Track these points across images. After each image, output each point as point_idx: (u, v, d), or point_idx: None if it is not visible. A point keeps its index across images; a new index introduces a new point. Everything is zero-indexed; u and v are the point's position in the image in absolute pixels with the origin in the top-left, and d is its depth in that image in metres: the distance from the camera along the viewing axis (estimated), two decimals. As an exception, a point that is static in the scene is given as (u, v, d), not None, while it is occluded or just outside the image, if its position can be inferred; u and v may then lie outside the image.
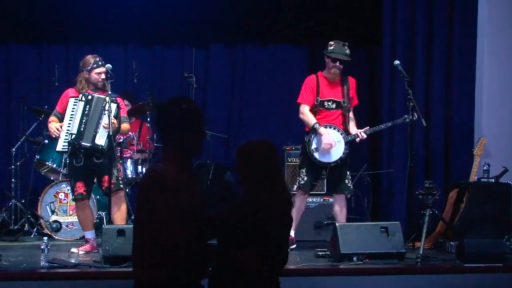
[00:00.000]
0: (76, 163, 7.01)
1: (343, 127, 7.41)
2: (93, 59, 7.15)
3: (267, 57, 9.93)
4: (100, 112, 6.95)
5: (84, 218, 7.15)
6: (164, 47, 9.86)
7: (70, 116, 7.02)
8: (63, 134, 7.02)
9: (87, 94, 7.05)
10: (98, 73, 7.12)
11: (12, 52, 9.57)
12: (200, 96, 9.57)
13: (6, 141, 9.32)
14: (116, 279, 5.75)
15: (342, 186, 7.41)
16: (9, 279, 5.74)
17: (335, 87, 7.48)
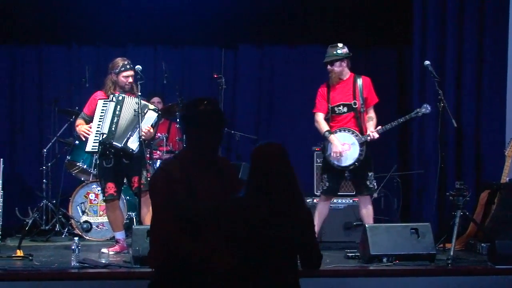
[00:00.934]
0: (106, 164, 7.05)
1: (357, 128, 7.38)
2: (122, 62, 7.19)
3: (296, 58, 9.91)
4: (137, 116, 6.97)
5: (115, 218, 7.19)
6: (194, 48, 9.89)
7: (100, 117, 7.06)
8: (93, 135, 7.06)
9: (118, 95, 7.09)
10: (126, 77, 7.16)
11: (43, 54, 9.66)
12: (229, 96, 9.58)
13: (38, 142, 9.40)
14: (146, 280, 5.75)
15: (363, 187, 7.38)
16: (41, 279, 5.78)
17: (345, 90, 7.46)
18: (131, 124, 7.04)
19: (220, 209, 3.61)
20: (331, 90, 7.48)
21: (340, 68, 7.43)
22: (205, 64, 9.85)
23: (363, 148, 7.32)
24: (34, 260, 6.47)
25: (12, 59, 9.61)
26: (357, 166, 7.34)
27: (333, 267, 6.22)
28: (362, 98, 7.41)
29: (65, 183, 8.60)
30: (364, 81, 7.48)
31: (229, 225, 3.59)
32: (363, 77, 7.52)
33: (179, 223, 3.64)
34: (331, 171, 7.42)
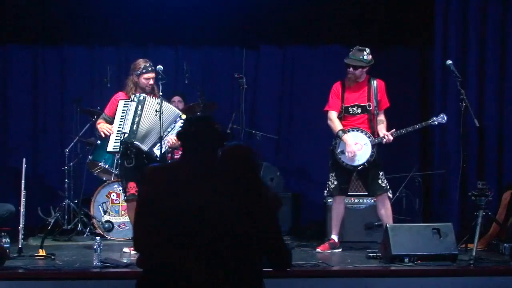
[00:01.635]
0: (127, 164, 7.08)
1: (370, 130, 7.38)
2: (143, 63, 7.22)
3: (317, 58, 9.89)
4: (169, 124, 7.06)
5: None
6: (215, 48, 9.90)
7: (121, 117, 7.09)
8: (114, 135, 7.09)
9: (139, 95, 7.12)
10: (147, 79, 7.19)
11: (66, 54, 9.71)
12: (250, 96, 9.59)
13: (60, 142, 9.45)
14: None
15: (376, 187, 7.37)
16: (63, 278, 5.80)
17: (360, 91, 7.47)
18: (154, 127, 7.06)
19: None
20: (346, 90, 7.49)
21: (361, 73, 7.44)
22: (226, 64, 9.86)
23: (375, 150, 7.32)
24: (56, 259, 6.51)
25: (35, 60, 9.67)
26: (366, 166, 7.33)
27: (354, 267, 6.21)
28: (376, 101, 7.40)
29: (87, 183, 8.64)
30: (378, 84, 7.49)
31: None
32: (378, 80, 7.51)
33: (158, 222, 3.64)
34: (339, 170, 7.43)
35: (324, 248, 7.35)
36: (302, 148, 9.80)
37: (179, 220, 3.58)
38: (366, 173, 7.41)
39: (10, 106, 9.56)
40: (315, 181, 9.46)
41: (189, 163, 3.81)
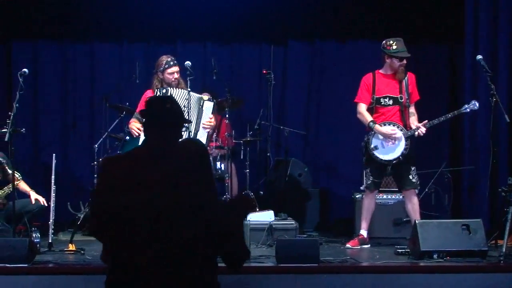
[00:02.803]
0: None
1: (402, 123, 7.34)
2: (166, 59, 7.28)
3: (345, 54, 9.87)
4: (199, 111, 7.03)
5: None
6: (243, 45, 9.91)
7: None
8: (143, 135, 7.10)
9: (161, 88, 7.16)
10: (171, 73, 7.24)
11: (95, 51, 9.78)
12: (278, 92, 9.59)
13: (89, 138, 9.52)
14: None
15: (407, 182, 7.34)
16: (92, 273, 5.83)
17: (392, 83, 7.43)
18: (196, 120, 7.10)
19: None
20: (377, 81, 7.45)
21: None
22: (254, 60, 9.87)
23: (408, 143, 7.28)
24: (86, 254, 6.57)
25: (64, 56, 9.75)
26: (401, 160, 7.29)
27: (383, 264, 6.19)
28: (407, 93, 7.36)
29: (116, 178, 8.68)
30: (410, 77, 7.46)
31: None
32: (409, 72, 7.48)
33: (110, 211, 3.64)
34: (373, 166, 7.40)
35: (354, 244, 7.34)
36: (330, 144, 9.78)
37: (132, 211, 3.54)
38: (399, 167, 7.36)
39: (40, 102, 9.64)
40: (343, 177, 9.45)
41: (148, 146, 3.77)
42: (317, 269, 5.83)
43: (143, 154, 3.74)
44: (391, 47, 7.38)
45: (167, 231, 3.52)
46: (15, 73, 7.67)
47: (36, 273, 5.81)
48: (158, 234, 3.51)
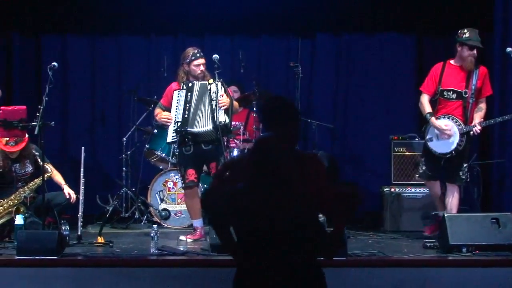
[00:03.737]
0: (186, 151, 7.12)
1: (462, 118, 7.21)
2: (192, 51, 7.24)
3: (373, 46, 9.81)
4: (208, 97, 7.02)
5: (193, 206, 7.24)
6: (270, 37, 9.89)
7: (176, 106, 7.12)
8: (171, 126, 7.13)
9: (187, 82, 7.14)
10: (197, 65, 7.19)
11: (123, 44, 9.81)
12: (306, 85, 9.56)
13: (117, 131, 9.56)
14: (224, 267, 5.81)
15: (455, 177, 7.26)
16: (121, 265, 5.88)
17: (460, 75, 7.26)
18: (204, 108, 7.06)
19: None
20: (445, 72, 7.30)
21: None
22: (282, 53, 9.85)
23: (463, 139, 7.18)
24: (115, 247, 6.60)
25: (92, 50, 9.79)
26: (453, 155, 7.22)
27: (411, 257, 6.15)
28: (474, 88, 7.22)
29: (144, 171, 8.74)
30: (481, 71, 7.26)
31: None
32: (481, 66, 7.29)
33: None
34: (428, 156, 7.35)
35: (432, 230, 7.28)
36: (358, 137, 9.74)
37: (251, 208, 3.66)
38: (451, 161, 7.29)
39: (69, 96, 9.70)
40: (371, 170, 9.41)
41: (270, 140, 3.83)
42: (345, 263, 5.82)
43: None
44: (464, 35, 7.22)
45: (283, 228, 3.61)
46: (44, 67, 7.75)
47: (65, 265, 5.86)
48: (275, 230, 3.61)
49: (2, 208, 7.21)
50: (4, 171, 7.40)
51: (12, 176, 7.44)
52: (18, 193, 7.27)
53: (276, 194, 3.61)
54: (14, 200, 7.22)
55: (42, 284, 5.72)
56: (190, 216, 7.42)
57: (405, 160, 8.40)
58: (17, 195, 7.26)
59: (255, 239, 3.66)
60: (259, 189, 3.65)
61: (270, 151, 3.70)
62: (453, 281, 5.88)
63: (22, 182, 7.46)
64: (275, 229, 3.60)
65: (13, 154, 7.36)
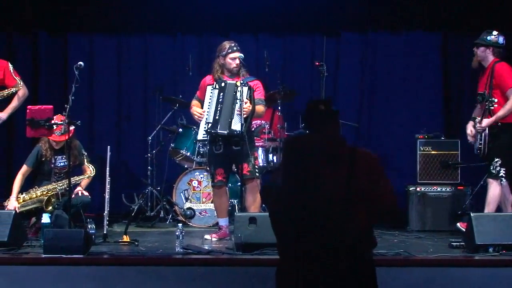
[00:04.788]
0: (216, 151, 7.10)
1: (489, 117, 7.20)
2: (228, 44, 7.18)
3: (399, 44, 9.77)
4: (233, 98, 7.00)
5: (220, 205, 7.25)
6: (295, 36, 9.88)
7: (208, 104, 7.09)
8: (203, 123, 7.10)
9: (221, 81, 7.09)
10: (233, 58, 7.12)
11: (148, 43, 9.85)
12: (331, 84, 9.54)
13: (143, 130, 9.60)
14: (248, 266, 5.82)
15: (488, 172, 7.28)
16: (146, 264, 5.90)
17: (483, 78, 7.34)
18: (230, 108, 7.00)
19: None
20: (479, 76, 7.43)
21: (483, 54, 7.31)
22: (307, 51, 9.83)
23: (484, 137, 7.18)
24: (140, 245, 6.62)
25: (118, 49, 9.84)
26: (480, 153, 7.21)
27: (437, 257, 6.11)
28: (491, 86, 7.21)
29: (169, 170, 8.76)
30: (496, 68, 7.23)
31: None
32: (498, 63, 7.27)
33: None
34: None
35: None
36: (383, 136, 9.70)
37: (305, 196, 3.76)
38: (486, 158, 7.29)
39: (95, 94, 9.75)
40: (396, 169, 9.34)
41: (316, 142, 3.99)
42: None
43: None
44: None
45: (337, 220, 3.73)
46: (71, 66, 7.80)
47: (91, 264, 5.89)
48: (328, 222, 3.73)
49: (35, 195, 7.37)
50: (45, 160, 7.52)
51: (50, 168, 7.55)
52: (54, 185, 7.38)
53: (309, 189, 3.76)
54: (48, 191, 7.33)
55: (69, 282, 5.76)
56: (217, 214, 7.42)
57: (430, 159, 8.35)
58: (53, 186, 7.37)
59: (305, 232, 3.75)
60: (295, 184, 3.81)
61: (300, 149, 3.88)
62: (479, 281, 5.83)
63: (59, 175, 7.56)
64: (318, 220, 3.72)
65: (57, 145, 7.47)
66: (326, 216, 3.71)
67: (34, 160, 7.61)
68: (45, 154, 7.57)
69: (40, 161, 7.62)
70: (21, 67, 8.38)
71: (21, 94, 7.48)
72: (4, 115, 7.46)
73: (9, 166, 9.25)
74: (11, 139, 9.42)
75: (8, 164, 9.33)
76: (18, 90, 7.43)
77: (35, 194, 7.41)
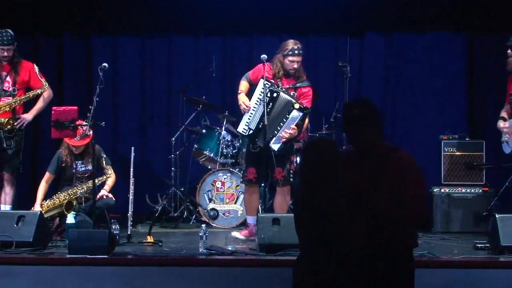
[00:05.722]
0: (253, 149, 7.11)
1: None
2: (292, 45, 7.14)
3: (423, 45, 9.72)
4: (282, 114, 6.93)
5: (250, 202, 7.26)
6: (318, 36, 9.85)
7: (256, 102, 7.05)
8: (246, 117, 7.07)
9: (274, 90, 6.99)
10: (291, 61, 7.11)
11: (172, 44, 9.86)
12: (354, 85, 9.50)
13: (166, 131, 9.62)
14: (272, 267, 5.82)
15: None
16: (170, 264, 5.92)
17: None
18: (276, 123, 6.98)
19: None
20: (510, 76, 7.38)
21: None
22: (330, 52, 9.80)
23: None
24: (164, 246, 6.64)
25: (142, 49, 9.87)
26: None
27: (461, 258, 6.08)
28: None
29: (192, 171, 8.78)
30: None
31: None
32: None
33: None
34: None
35: None
36: (407, 137, 9.65)
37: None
38: None
39: (119, 96, 9.79)
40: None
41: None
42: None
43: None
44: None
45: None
46: (95, 68, 7.84)
47: (115, 264, 5.92)
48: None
49: (58, 201, 7.42)
50: (67, 166, 7.57)
51: (72, 173, 7.60)
52: (76, 189, 7.43)
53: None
54: (70, 196, 7.38)
55: (93, 283, 5.80)
56: (246, 211, 7.43)
57: (455, 160, 8.30)
58: (74, 191, 7.42)
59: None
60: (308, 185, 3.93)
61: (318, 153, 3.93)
62: (504, 282, 5.80)
63: (81, 180, 7.60)
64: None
65: (77, 150, 7.52)
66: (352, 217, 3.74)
67: (55, 166, 7.66)
68: (66, 159, 7.61)
69: (61, 167, 7.66)
70: (46, 68, 8.44)
71: (46, 96, 7.54)
72: (30, 116, 7.51)
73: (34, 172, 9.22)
74: (37, 140, 9.47)
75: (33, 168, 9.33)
76: (44, 92, 7.48)
77: (58, 200, 7.46)
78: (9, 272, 5.84)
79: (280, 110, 6.97)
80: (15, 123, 7.35)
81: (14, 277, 5.82)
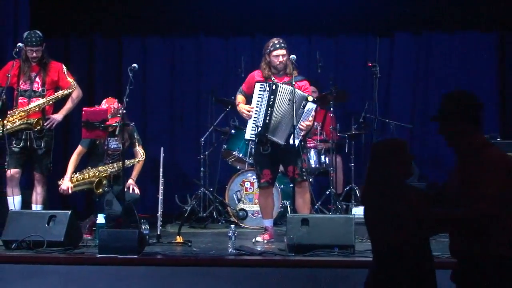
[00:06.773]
0: (263, 151, 7.08)
1: None
2: (273, 41, 7.11)
3: (453, 45, 9.67)
4: (297, 111, 6.86)
5: (266, 206, 7.23)
6: (348, 37, 9.85)
7: (257, 102, 7.04)
8: (251, 122, 7.08)
9: (272, 83, 7.03)
10: (276, 56, 7.05)
11: (201, 45, 9.91)
12: (384, 85, 9.48)
13: (195, 131, 9.66)
14: (301, 268, 5.81)
15: None
16: (199, 264, 5.92)
17: None
18: (287, 117, 6.92)
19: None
20: None
21: None
22: (359, 52, 9.79)
23: None
24: (193, 246, 6.64)
25: (172, 51, 9.93)
26: None
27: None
28: None
29: (221, 172, 8.79)
30: None
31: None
32: None
33: None
34: None
35: None
36: (437, 138, 9.58)
37: None
38: None
39: (149, 96, 9.85)
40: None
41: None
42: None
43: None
44: None
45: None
46: (125, 68, 7.88)
47: (145, 264, 5.94)
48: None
49: (87, 176, 7.47)
50: (100, 142, 7.60)
51: (104, 149, 7.63)
52: (107, 167, 7.47)
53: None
54: (100, 173, 7.43)
55: (123, 282, 5.82)
56: (262, 215, 7.40)
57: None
58: (104, 168, 7.47)
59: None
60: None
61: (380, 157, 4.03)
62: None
63: (112, 157, 7.64)
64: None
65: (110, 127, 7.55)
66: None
67: (89, 141, 7.66)
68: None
69: (94, 143, 7.67)
70: (77, 69, 8.50)
71: (75, 96, 7.57)
72: (60, 116, 7.56)
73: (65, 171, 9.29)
74: (67, 140, 9.54)
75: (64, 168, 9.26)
76: (72, 92, 7.53)
77: (87, 175, 7.49)
78: (40, 271, 5.89)
79: (287, 102, 6.88)
80: (44, 123, 7.41)
81: (45, 276, 5.87)
